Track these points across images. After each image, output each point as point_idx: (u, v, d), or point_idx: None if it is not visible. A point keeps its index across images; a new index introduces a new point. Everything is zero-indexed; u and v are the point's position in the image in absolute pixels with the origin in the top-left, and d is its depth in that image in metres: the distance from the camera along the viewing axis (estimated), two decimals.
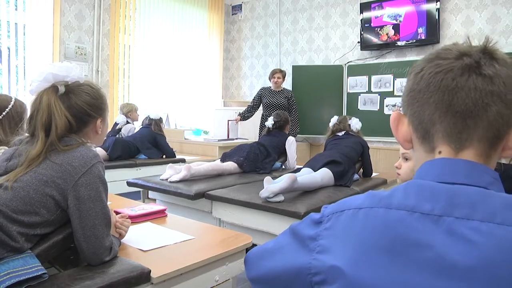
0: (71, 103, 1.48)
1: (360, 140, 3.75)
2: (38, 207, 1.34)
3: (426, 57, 0.76)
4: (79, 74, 1.54)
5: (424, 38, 5.93)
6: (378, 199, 0.72)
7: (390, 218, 0.68)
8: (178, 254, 1.60)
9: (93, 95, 1.54)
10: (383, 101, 6.37)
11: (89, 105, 1.51)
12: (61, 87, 1.47)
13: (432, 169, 0.72)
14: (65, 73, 1.49)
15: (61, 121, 1.43)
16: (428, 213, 0.65)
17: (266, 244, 0.93)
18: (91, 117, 1.53)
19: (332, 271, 0.70)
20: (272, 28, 7.70)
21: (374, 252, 0.67)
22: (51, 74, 1.47)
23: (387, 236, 0.67)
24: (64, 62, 1.53)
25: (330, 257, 0.71)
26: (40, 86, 1.47)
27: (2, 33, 5.16)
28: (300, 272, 0.76)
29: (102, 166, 1.46)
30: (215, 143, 5.54)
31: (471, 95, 0.68)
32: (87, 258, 1.42)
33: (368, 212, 0.72)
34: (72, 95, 1.49)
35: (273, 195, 2.55)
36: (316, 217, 0.80)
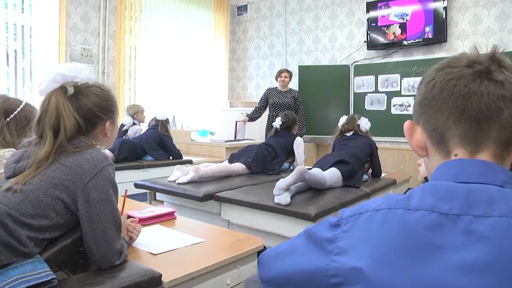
0: (80, 104, 1.45)
1: (369, 140, 3.71)
2: (48, 210, 1.32)
3: (436, 67, 0.78)
4: (89, 75, 1.51)
5: (431, 37, 5.89)
6: (396, 200, 0.72)
7: (408, 218, 0.68)
8: (188, 258, 1.57)
9: (103, 97, 1.52)
10: (390, 101, 6.33)
11: (98, 107, 1.49)
12: (70, 88, 1.44)
13: (447, 170, 0.73)
14: (74, 73, 1.47)
15: (70, 122, 1.40)
16: (446, 212, 0.65)
17: (280, 246, 0.92)
18: (100, 119, 1.50)
19: (353, 273, 0.69)
20: (278, 28, 7.68)
21: (394, 253, 0.66)
22: (60, 75, 1.44)
23: (407, 236, 0.66)
24: (73, 63, 1.51)
25: (349, 259, 0.71)
26: (49, 87, 1.44)
27: (9, 36, 5.16)
28: (316, 274, 0.75)
29: (112, 168, 1.44)
30: (222, 144, 5.51)
31: (484, 99, 0.71)
32: (97, 262, 1.39)
33: (386, 213, 0.71)
34: (81, 96, 1.46)
35: (282, 192, 2.53)
36: (334, 220, 0.80)
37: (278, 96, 5.78)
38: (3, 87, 5.16)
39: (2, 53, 5.12)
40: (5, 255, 1.23)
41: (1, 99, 2.17)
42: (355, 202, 2.93)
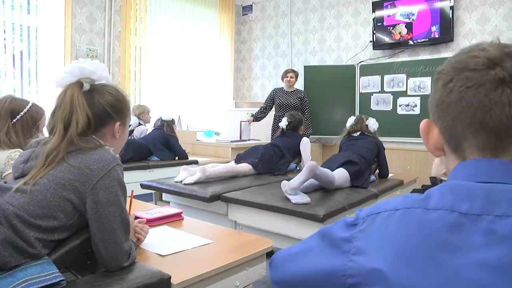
0: (93, 101, 1.45)
1: (376, 141, 3.69)
2: (56, 211, 1.31)
3: (454, 64, 0.73)
4: (107, 75, 1.51)
5: (438, 36, 5.85)
6: (414, 200, 0.70)
7: (427, 218, 0.66)
8: (197, 259, 1.55)
9: (117, 97, 1.51)
10: (396, 101, 6.30)
11: (110, 106, 1.48)
12: (86, 84, 1.44)
13: (467, 170, 0.71)
14: (93, 68, 1.47)
15: (82, 117, 1.40)
16: (466, 212, 0.64)
17: (293, 247, 0.91)
18: (110, 117, 1.49)
19: (372, 274, 0.67)
20: (283, 28, 7.66)
21: (413, 253, 0.65)
22: (78, 68, 1.44)
23: (426, 236, 0.65)
24: (94, 60, 1.50)
25: (367, 259, 0.69)
26: (66, 79, 1.44)
27: (15, 37, 5.17)
28: (332, 274, 0.74)
29: (121, 168, 1.42)
30: (227, 144, 5.50)
31: (505, 111, 0.66)
32: (105, 263, 1.38)
33: (404, 213, 0.70)
34: (95, 93, 1.46)
35: (297, 192, 2.52)
36: (350, 220, 0.78)
37: (284, 97, 5.77)
38: (9, 87, 5.17)
39: (9, 53, 5.13)
40: (13, 257, 1.22)
41: (8, 99, 2.17)
42: (363, 202, 2.92)
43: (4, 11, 5.02)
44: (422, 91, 6.03)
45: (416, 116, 6.09)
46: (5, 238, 1.21)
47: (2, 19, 5.01)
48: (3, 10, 5.01)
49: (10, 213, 1.25)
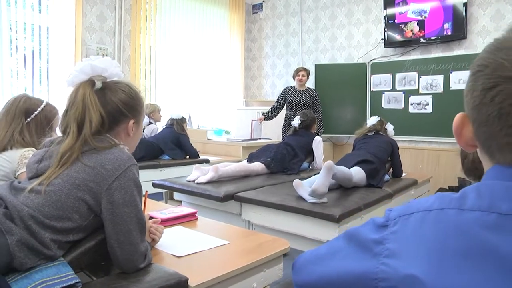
0: (106, 99, 1.42)
1: (390, 140, 3.65)
2: (71, 212, 1.28)
3: (501, 63, 0.62)
4: (119, 72, 1.48)
5: (450, 34, 5.76)
6: (449, 200, 0.66)
7: (464, 220, 0.62)
8: (214, 261, 1.52)
9: (130, 94, 1.48)
10: (407, 100, 6.23)
11: (124, 103, 1.45)
12: (98, 82, 1.41)
13: (505, 171, 0.66)
14: (105, 66, 1.44)
15: (96, 116, 1.37)
16: (507, 213, 0.59)
17: (318, 249, 0.87)
18: (123, 115, 1.46)
19: (407, 280, 0.63)
20: (293, 27, 7.61)
21: (451, 258, 0.60)
22: (89, 65, 1.42)
23: (464, 239, 0.60)
24: (105, 57, 1.47)
25: (401, 263, 0.65)
26: (77, 78, 1.42)
27: (27, 37, 5.18)
28: (363, 277, 0.70)
29: (137, 168, 1.39)
30: (238, 143, 5.47)
31: None
32: (121, 265, 1.35)
33: (439, 214, 0.65)
34: (108, 91, 1.43)
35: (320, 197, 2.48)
36: (380, 220, 0.74)
37: (296, 95, 5.74)
38: (21, 86, 5.18)
39: (20, 53, 5.14)
40: (29, 258, 1.20)
41: (22, 98, 2.16)
42: (379, 202, 2.88)
43: (17, 11, 5.03)
44: (434, 90, 5.95)
45: (428, 115, 6.01)
46: (20, 239, 1.19)
47: (14, 19, 5.02)
48: (16, 10, 5.02)
49: (25, 214, 1.23)
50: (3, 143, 2.07)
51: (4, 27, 4.90)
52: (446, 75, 5.81)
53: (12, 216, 1.22)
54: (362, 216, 2.63)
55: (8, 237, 1.18)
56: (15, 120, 2.11)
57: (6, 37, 4.93)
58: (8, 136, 2.08)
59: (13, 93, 5.02)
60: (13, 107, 2.13)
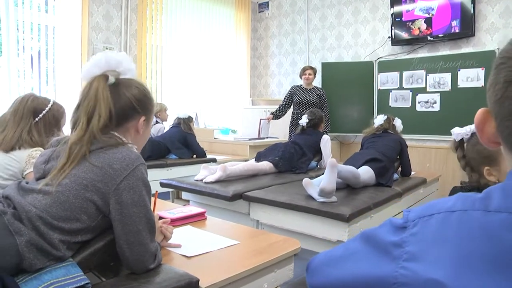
0: (119, 94, 1.41)
1: (399, 138, 3.61)
2: (79, 213, 1.26)
3: None
4: (133, 68, 1.48)
5: (458, 31, 5.70)
6: (473, 200, 0.63)
7: (489, 222, 0.58)
8: (224, 261, 1.50)
9: (143, 91, 1.48)
10: (415, 98, 6.18)
11: (137, 99, 1.44)
12: (111, 77, 1.40)
13: None
14: (120, 58, 1.44)
15: (105, 111, 1.35)
16: None
17: (333, 250, 0.84)
18: (135, 111, 1.45)
19: (430, 285, 0.60)
20: (300, 25, 7.58)
21: (476, 263, 0.57)
22: (104, 58, 1.41)
23: (490, 243, 0.57)
24: (122, 52, 1.46)
25: (423, 267, 0.62)
26: (91, 71, 1.40)
27: (33, 36, 5.19)
28: (381, 281, 0.67)
29: (145, 167, 1.37)
30: (245, 142, 5.44)
31: None
32: (131, 265, 1.33)
33: (462, 215, 0.62)
34: (121, 86, 1.43)
35: (329, 196, 2.46)
36: (399, 222, 0.71)
37: (302, 94, 5.73)
38: (28, 86, 5.18)
39: (27, 53, 5.15)
40: (38, 259, 1.19)
41: (30, 98, 2.15)
42: (388, 201, 2.85)
43: (24, 11, 5.04)
44: (442, 88, 5.90)
45: (436, 113, 5.96)
46: (29, 240, 1.18)
47: (21, 19, 5.03)
48: (23, 10, 5.03)
49: (33, 214, 1.21)
50: (11, 143, 2.07)
51: (12, 28, 4.91)
52: (454, 73, 5.76)
53: (20, 216, 1.21)
54: (371, 216, 2.60)
55: (17, 237, 1.17)
56: (23, 119, 2.10)
57: (13, 38, 4.95)
58: (17, 136, 2.07)
59: (20, 93, 5.01)
60: (21, 107, 2.12)
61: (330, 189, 2.46)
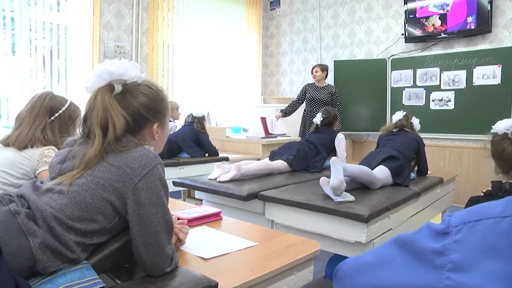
0: (126, 104, 1.34)
1: (416, 137, 3.53)
2: (95, 213, 1.22)
3: None
4: (138, 73, 1.40)
5: (474, 27, 5.60)
6: None
7: None
8: (243, 264, 1.45)
9: (151, 97, 1.40)
10: (429, 96, 6.09)
11: (145, 107, 1.37)
12: (117, 86, 1.34)
13: None
14: (122, 71, 1.36)
15: (119, 120, 1.30)
16: None
17: (363, 256, 0.79)
18: (147, 120, 1.39)
19: None
20: (311, 23, 7.51)
21: None
22: (106, 71, 1.34)
23: None
24: (122, 59, 1.40)
25: (471, 279, 0.57)
26: (95, 84, 1.34)
27: (45, 36, 5.19)
28: None
29: (163, 167, 1.33)
30: (258, 140, 5.39)
31: None
32: (147, 268, 1.29)
33: None
34: (128, 95, 1.36)
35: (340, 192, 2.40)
36: (439, 227, 0.65)
37: (314, 92, 5.72)
38: (40, 86, 5.18)
39: (39, 52, 5.15)
40: (52, 261, 1.15)
41: (48, 96, 2.16)
42: (406, 202, 2.78)
43: (36, 10, 5.04)
44: (456, 85, 5.80)
45: (450, 111, 5.87)
46: (43, 241, 1.14)
47: (34, 18, 5.03)
48: (35, 9, 5.03)
49: (48, 214, 1.18)
50: (25, 141, 2.05)
51: (24, 27, 4.93)
52: (469, 70, 5.66)
53: (35, 216, 1.18)
54: (389, 216, 2.54)
55: (31, 239, 1.13)
56: (39, 117, 2.10)
57: (26, 37, 4.96)
58: (31, 133, 2.06)
59: (32, 92, 5.02)
60: (38, 104, 2.12)
61: (337, 184, 2.40)
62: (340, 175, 2.43)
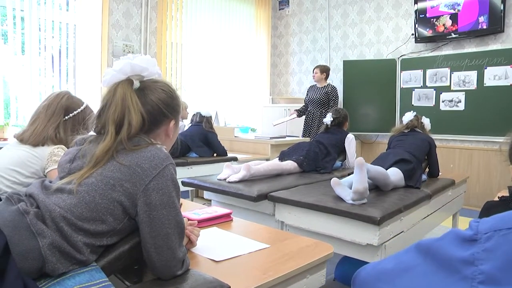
0: (146, 100, 1.32)
1: (428, 138, 3.48)
2: (105, 214, 1.19)
3: None
4: (158, 70, 1.39)
5: (486, 27, 5.53)
6: None
7: None
8: (255, 266, 1.42)
9: (170, 94, 1.39)
10: (439, 97, 6.04)
11: (165, 104, 1.36)
12: (136, 81, 1.32)
13: None
14: (145, 65, 1.35)
15: (137, 118, 1.27)
16: None
17: (382, 263, 0.75)
18: (165, 117, 1.37)
19: None
20: (321, 23, 7.47)
21: None
22: (129, 65, 1.32)
23: None
24: (146, 55, 1.38)
25: None
26: (115, 78, 1.32)
27: (55, 35, 5.19)
28: None
29: (174, 167, 1.30)
30: (267, 141, 5.35)
31: None
32: (157, 271, 1.26)
33: None
34: (147, 91, 1.33)
35: (362, 197, 2.35)
36: (466, 233, 0.61)
37: (313, 93, 6.04)
38: (49, 85, 5.19)
39: (48, 51, 5.15)
40: (61, 263, 1.12)
41: (65, 96, 2.19)
42: (418, 204, 2.74)
43: (46, 9, 5.04)
44: (467, 86, 5.74)
45: (461, 112, 5.81)
46: (52, 242, 1.11)
47: (43, 17, 5.04)
48: (45, 8, 5.04)
49: (56, 214, 1.15)
50: (39, 138, 2.08)
51: (34, 26, 4.93)
52: (480, 71, 5.60)
53: (43, 216, 1.15)
54: (401, 218, 2.50)
55: (40, 239, 1.11)
56: (54, 115, 2.12)
57: (35, 36, 4.97)
58: (45, 131, 2.09)
59: (41, 91, 5.05)
60: (55, 102, 2.14)
61: (362, 189, 2.35)
62: (365, 180, 2.38)
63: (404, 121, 3.64)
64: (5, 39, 4.90)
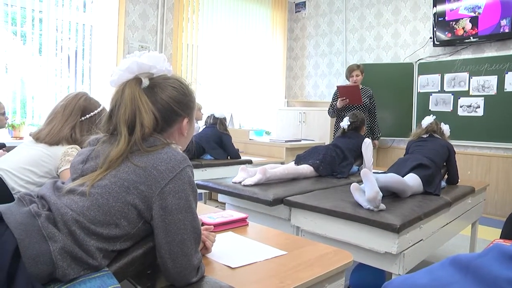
0: (156, 98, 1.27)
1: (447, 144, 3.40)
2: (119, 218, 1.15)
3: None
4: (167, 65, 1.34)
5: (508, 31, 5.41)
6: None
7: None
8: (272, 274, 1.37)
9: (182, 91, 1.33)
10: (457, 102, 5.93)
11: (176, 102, 1.31)
12: (145, 80, 1.27)
13: None
14: (153, 63, 1.29)
15: (148, 118, 1.23)
16: None
17: (414, 277, 0.70)
18: (177, 115, 1.32)
19: None
20: (337, 25, 7.41)
21: None
22: (136, 64, 1.27)
23: None
24: (152, 51, 1.33)
25: None
26: (122, 77, 1.27)
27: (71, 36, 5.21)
28: None
29: (192, 170, 1.25)
30: (282, 144, 5.30)
31: None
32: (172, 277, 1.21)
33: None
34: (157, 89, 1.28)
35: (379, 203, 2.29)
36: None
37: None
38: (64, 85, 5.20)
39: (65, 52, 5.17)
40: (72, 268, 1.08)
41: (83, 97, 2.20)
42: (438, 211, 2.66)
43: (63, 10, 5.07)
44: (486, 91, 5.62)
45: (479, 118, 5.69)
46: (63, 247, 1.07)
47: (60, 18, 5.06)
48: (62, 9, 5.06)
49: (69, 217, 1.11)
50: (56, 138, 2.08)
51: (51, 28, 4.96)
52: (500, 76, 5.49)
53: (55, 219, 1.11)
54: (421, 226, 2.43)
55: (51, 244, 1.06)
56: (71, 116, 2.13)
57: (52, 38, 5.00)
58: (62, 131, 2.09)
59: (57, 92, 5.07)
60: (73, 102, 2.15)
61: (374, 195, 2.29)
62: (374, 186, 2.32)
63: (423, 125, 3.55)
64: (24, 40, 4.94)
